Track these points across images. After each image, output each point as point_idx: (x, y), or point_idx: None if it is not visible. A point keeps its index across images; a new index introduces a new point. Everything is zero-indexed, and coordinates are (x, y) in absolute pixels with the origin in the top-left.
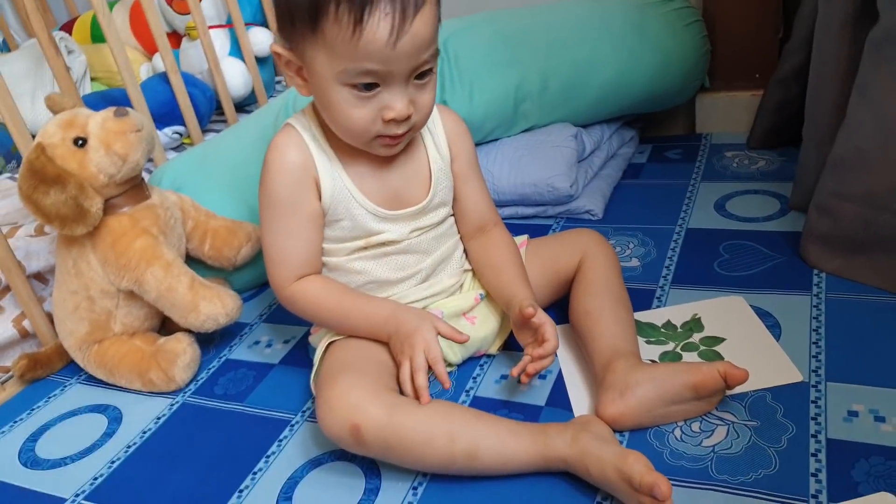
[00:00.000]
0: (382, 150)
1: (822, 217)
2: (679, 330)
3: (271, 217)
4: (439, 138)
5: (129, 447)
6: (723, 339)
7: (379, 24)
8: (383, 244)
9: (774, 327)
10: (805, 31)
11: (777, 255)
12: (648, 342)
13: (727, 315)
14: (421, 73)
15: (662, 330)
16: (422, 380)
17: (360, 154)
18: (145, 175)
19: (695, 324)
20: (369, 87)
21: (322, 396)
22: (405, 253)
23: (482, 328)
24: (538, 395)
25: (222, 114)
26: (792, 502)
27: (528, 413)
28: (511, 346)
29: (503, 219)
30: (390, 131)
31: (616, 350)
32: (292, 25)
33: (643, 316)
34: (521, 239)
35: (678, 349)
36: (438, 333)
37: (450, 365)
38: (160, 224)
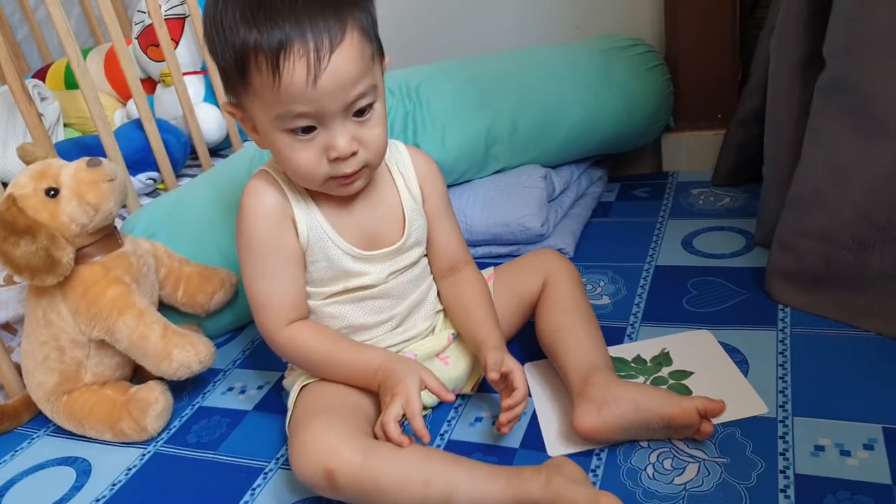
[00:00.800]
0: (340, 190)
1: (784, 254)
2: (648, 364)
3: (253, 261)
4: (410, 180)
5: (97, 501)
6: (691, 373)
7: (295, 67)
8: (361, 288)
9: (742, 363)
10: (761, 76)
11: (743, 290)
12: (619, 376)
13: (695, 349)
14: (360, 110)
15: (632, 364)
16: (392, 430)
17: (335, 199)
18: (118, 222)
19: (664, 358)
20: (307, 130)
21: (295, 440)
22: (381, 297)
23: (455, 368)
24: (512, 437)
25: (197, 159)
26: None
27: (502, 455)
28: (485, 387)
29: (476, 258)
30: (339, 171)
31: (593, 364)
32: (229, 81)
33: (614, 351)
34: (488, 272)
35: (648, 383)
36: (425, 387)
37: (425, 408)
38: (133, 272)
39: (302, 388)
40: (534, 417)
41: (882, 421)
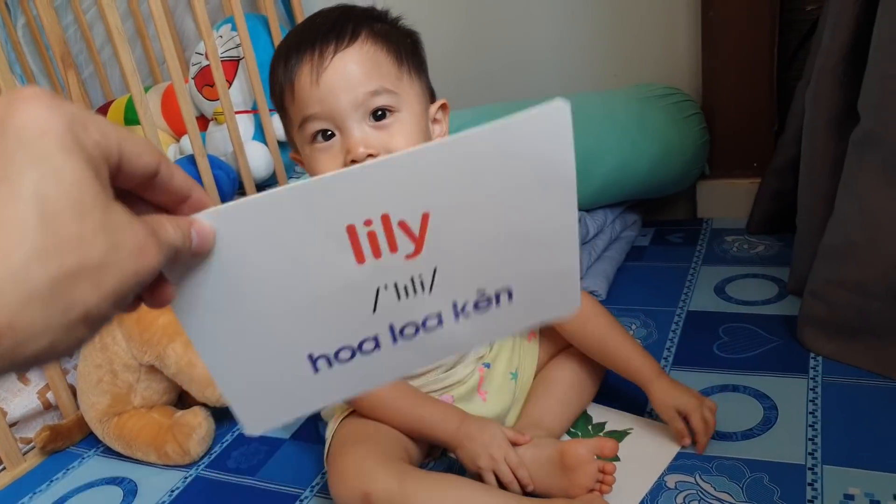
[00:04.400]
0: None
1: (817, 302)
2: (593, 433)
3: None
4: None
5: None
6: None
7: (303, 71)
8: None
9: (771, 409)
10: (797, 127)
11: (775, 338)
12: (569, 433)
13: (651, 443)
14: (378, 114)
15: (587, 427)
16: (515, 485)
17: None
18: None
19: (619, 435)
20: (326, 136)
21: (334, 466)
22: None
23: (496, 404)
24: None
25: (244, 193)
26: None
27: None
28: None
29: None
30: None
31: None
32: (284, 124)
33: (592, 408)
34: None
35: None
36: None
37: None
38: None
39: (341, 420)
40: None
41: None
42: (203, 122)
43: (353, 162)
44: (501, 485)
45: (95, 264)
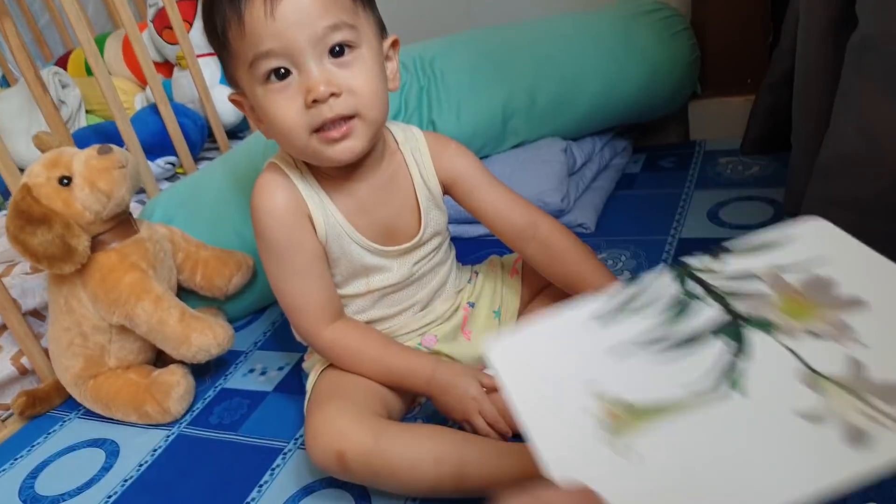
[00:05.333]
0: (331, 150)
1: None
2: None
3: (276, 262)
4: (427, 169)
5: (125, 481)
6: None
7: (254, 5)
8: (384, 287)
9: None
10: (792, 37)
11: None
12: None
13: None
14: (337, 50)
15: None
16: (493, 434)
17: (347, 189)
18: (137, 208)
19: None
20: (281, 75)
21: (309, 424)
22: (402, 290)
23: (480, 343)
24: None
25: (215, 142)
26: None
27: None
28: None
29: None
30: (321, 117)
31: None
32: (224, 62)
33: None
34: (514, 264)
35: None
36: (482, 385)
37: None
38: (149, 258)
39: (321, 371)
40: None
41: None
42: (168, 67)
43: (315, 102)
44: None
45: None
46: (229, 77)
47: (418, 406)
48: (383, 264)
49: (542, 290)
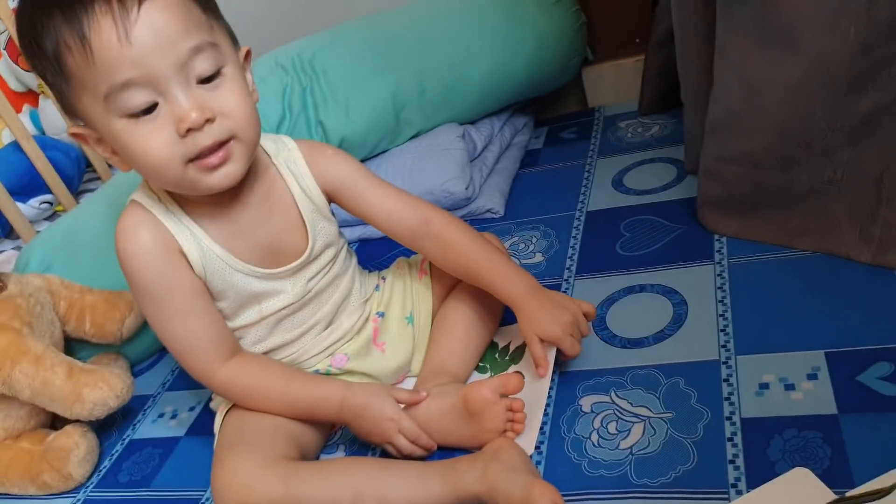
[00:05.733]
0: (211, 179)
1: (712, 182)
2: (502, 361)
3: (153, 307)
4: (305, 178)
5: None
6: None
7: (102, 28)
8: (279, 311)
9: (681, 304)
10: None
11: (678, 225)
12: (479, 369)
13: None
14: (205, 78)
15: (495, 356)
16: (419, 452)
17: (220, 215)
18: (14, 253)
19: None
20: (147, 111)
21: (214, 478)
22: (301, 310)
23: (396, 354)
24: None
25: (96, 170)
26: (712, 497)
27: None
28: None
29: None
30: (198, 146)
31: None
32: (59, 93)
33: (498, 333)
34: (421, 265)
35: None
36: (398, 401)
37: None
38: (22, 315)
39: (226, 412)
40: None
41: (824, 346)
42: (34, 96)
43: (189, 131)
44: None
45: None
46: (65, 106)
47: (339, 431)
48: (274, 287)
49: (455, 286)
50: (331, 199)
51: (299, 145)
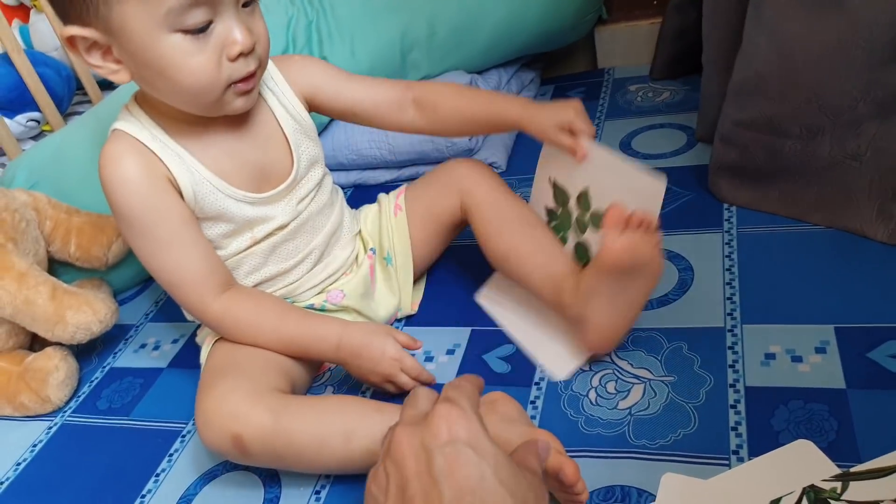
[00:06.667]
0: (239, 101)
1: (728, 148)
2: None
3: (141, 238)
4: (285, 95)
5: (0, 483)
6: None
7: None
8: (270, 234)
9: (687, 270)
10: None
11: (687, 191)
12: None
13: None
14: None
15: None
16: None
17: (208, 139)
18: None
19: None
20: (202, 28)
21: (199, 405)
22: (294, 238)
23: (387, 295)
24: (447, 371)
25: (87, 94)
26: (713, 462)
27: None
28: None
29: (403, 180)
30: (240, 72)
31: (553, 283)
32: (95, 7)
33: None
34: (398, 191)
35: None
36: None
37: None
38: (7, 230)
39: (213, 343)
40: (469, 348)
41: (834, 321)
42: (25, 10)
43: (241, 55)
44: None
45: None
46: (81, 9)
47: (327, 372)
48: (265, 213)
49: (429, 225)
50: (312, 108)
51: (273, 61)
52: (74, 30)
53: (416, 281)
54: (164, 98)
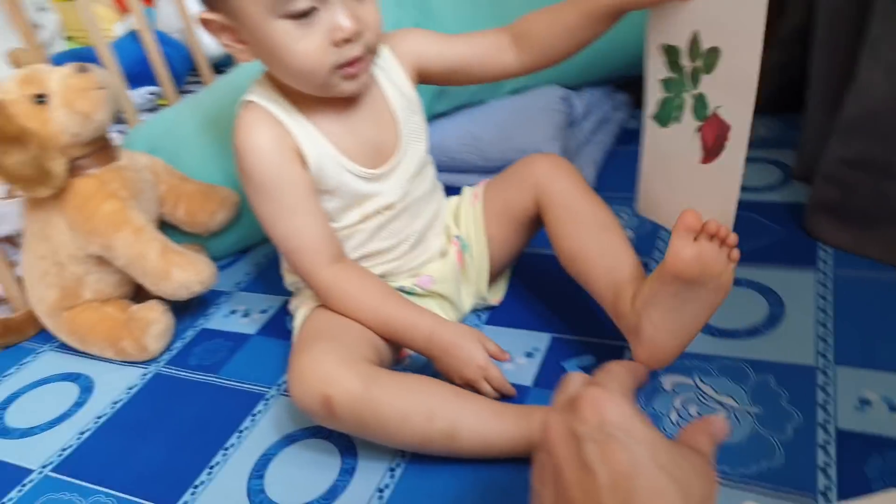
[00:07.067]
0: (347, 84)
1: (830, 187)
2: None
3: (266, 202)
4: (394, 72)
5: (99, 418)
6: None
7: None
8: (378, 212)
9: (777, 305)
10: None
11: (779, 227)
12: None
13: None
14: None
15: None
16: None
17: (331, 114)
18: (117, 137)
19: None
20: (306, 14)
21: (294, 365)
22: (397, 219)
23: (470, 283)
24: (525, 374)
25: (199, 75)
26: (798, 498)
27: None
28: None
29: None
30: (346, 55)
31: (614, 289)
32: None
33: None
34: (481, 183)
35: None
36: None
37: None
38: (130, 187)
39: (312, 311)
40: (548, 355)
41: None
42: None
43: (346, 41)
44: None
45: (702, 497)
46: (216, 6)
47: (408, 358)
48: (376, 189)
49: (505, 219)
50: (421, 77)
51: (384, 39)
52: (207, 14)
53: (497, 275)
54: (280, 77)
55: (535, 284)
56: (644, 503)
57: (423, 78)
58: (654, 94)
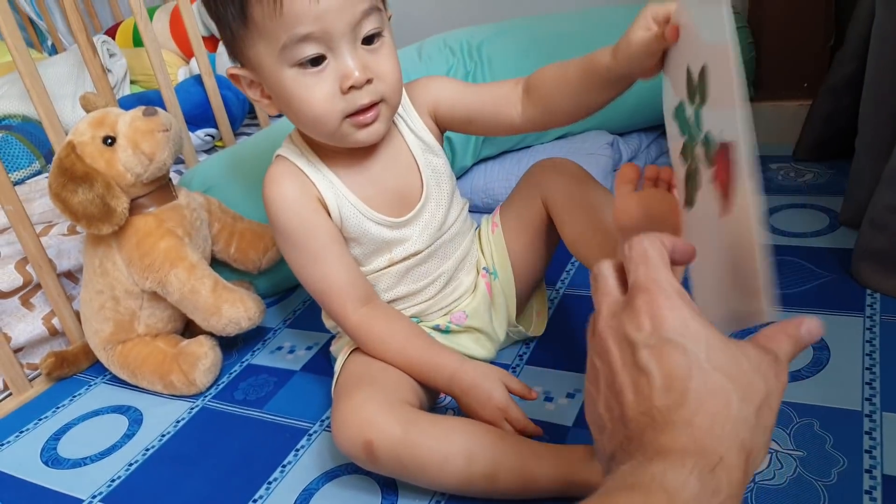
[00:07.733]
0: (361, 134)
1: (877, 233)
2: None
3: (294, 250)
4: (412, 119)
5: (147, 450)
6: None
7: None
8: (407, 258)
9: (823, 350)
10: (859, 38)
11: (826, 273)
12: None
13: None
14: (368, 38)
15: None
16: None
17: (355, 166)
18: (175, 176)
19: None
20: (316, 62)
21: (336, 410)
22: (426, 262)
23: (500, 311)
24: (566, 415)
25: (256, 118)
26: None
27: (553, 433)
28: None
29: None
30: (356, 103)
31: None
32: (232, 35)
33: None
34: (496, 210)
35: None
36: (510, 390)
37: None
38: (185, 225)
39: (349, 354)
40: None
41: None
42: (213, 42)
43: (352, 88)
44: None
45: (764, 395)
46: (236, 50)
47: (447, 397)
48: (402, 235)
49: (522, 234)
50: (438, 123)
51: (405, 88)
52: (233, 69)
53: (527, 298)
54: (298, 127)
55: (577, 324)
56: (698, 403)
57: (442, 124)
58: (680, 177)
